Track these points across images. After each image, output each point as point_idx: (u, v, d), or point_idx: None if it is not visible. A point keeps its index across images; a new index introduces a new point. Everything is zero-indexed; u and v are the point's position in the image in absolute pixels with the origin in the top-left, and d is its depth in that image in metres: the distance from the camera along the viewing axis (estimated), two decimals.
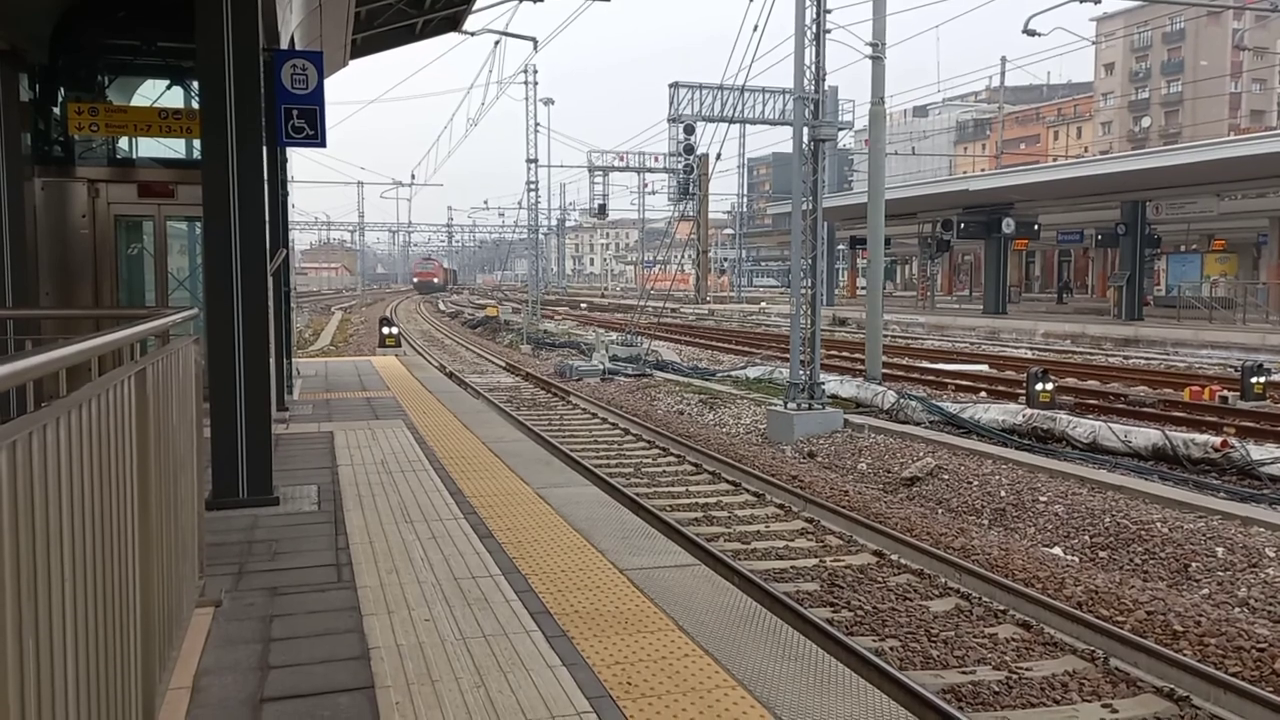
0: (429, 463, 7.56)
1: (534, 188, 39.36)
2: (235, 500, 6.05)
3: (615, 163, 52.22)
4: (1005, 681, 5.67)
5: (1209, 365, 21.94)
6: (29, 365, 1.92)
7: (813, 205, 14.30)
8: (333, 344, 31.60)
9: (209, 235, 6.10)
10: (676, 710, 3.25)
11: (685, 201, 44.98)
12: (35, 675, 1.70)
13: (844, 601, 7.07)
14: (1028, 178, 35.70)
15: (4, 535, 1.54)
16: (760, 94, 37.24)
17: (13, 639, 1.57)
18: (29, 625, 1.67)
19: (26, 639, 1.66)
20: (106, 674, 2.28)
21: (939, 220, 40.45)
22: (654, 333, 26.47)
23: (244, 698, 3.36)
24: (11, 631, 1.56)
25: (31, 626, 1.69)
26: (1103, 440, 12.03)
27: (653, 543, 5.39)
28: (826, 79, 14.32)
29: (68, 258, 9.33)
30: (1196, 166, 28.01)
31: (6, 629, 1.54)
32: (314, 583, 4.61)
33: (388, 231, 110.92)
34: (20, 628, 1.62)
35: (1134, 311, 34.07)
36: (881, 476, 11.60)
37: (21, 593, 1.63)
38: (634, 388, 19.55)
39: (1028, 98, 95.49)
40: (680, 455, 12.62)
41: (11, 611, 1.56)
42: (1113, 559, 8.28)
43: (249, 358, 6.07)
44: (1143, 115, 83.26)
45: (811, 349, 14.26)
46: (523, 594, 4.41)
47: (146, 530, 2.85)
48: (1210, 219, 37.36)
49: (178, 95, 9.99)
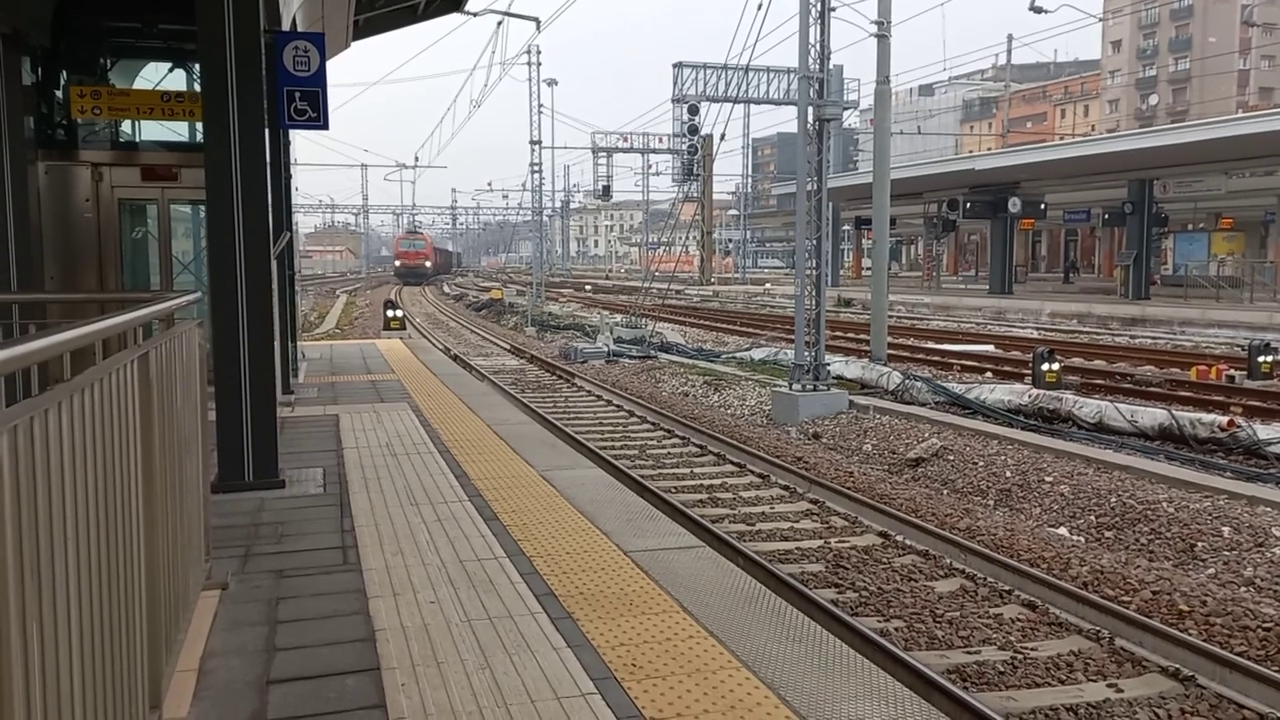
0: (434, 445, 7.57)
1: (538, 169, 39.31)
2: (241, 483, 6.07)
3: (619, 144, 52.04)
4: (1010, 662, 5.68)
5: (1216, 344, 21.87)
6: (33, 349, 1.92)
7: (817, 185, 14.24)
8: (337, 327, 31.61)
9: (212, 218, 6.09)
10: (681, 691, 3.26)
11: (690, 182, 44.81)
12: (40, 660, 1.71)
13: (849, 582, 7.08)
14: (1034, 156, 35.48)
15: (6, 519, 1.54)
16: (765, 73, 37.05)
17: (16, 623, 1.57)
18: (33, 610, 1.68)
19: (31, 623, 1.66)
20: (112, 657, 2.29)
21: (945, 200, 40.31)
22: (658, 315, 26.44)
23: (251, 680, 3.37)
24: (15, 616, 1.56)
25: (36, 611, 1.69)
26: (1109, 420, 12.01)
27: (657, 524, 5.39)
28: (831, 58, 14.24)
29: (72, 242, 9.33)
30: (1204, 144, 27.81)
31: (10, 613, 1.54)
32: (320, 565, 4.63)
33: (392, 214, 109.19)
34: (24, 612, 1.62)
35: (1141, 291, 33.95)
36: (886, 458, 11.59)
37: (25, 577, 1.63)
38: (639, 370, 19.55)
39: (1034, 76, 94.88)
40: (685, 437, 12.62)
41: (15, 596, 1.57)
42: (1118, 539, 8.28)
43: (253, 341, 6.07)
44: (1150, 93, 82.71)
45: (816, 330, 14.24)
46: (528, 576, 4.42)
47: (151, 513, 2.85)
48: (1218, 197, 37.20)
49: (180, 78, 9.97)
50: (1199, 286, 34.86)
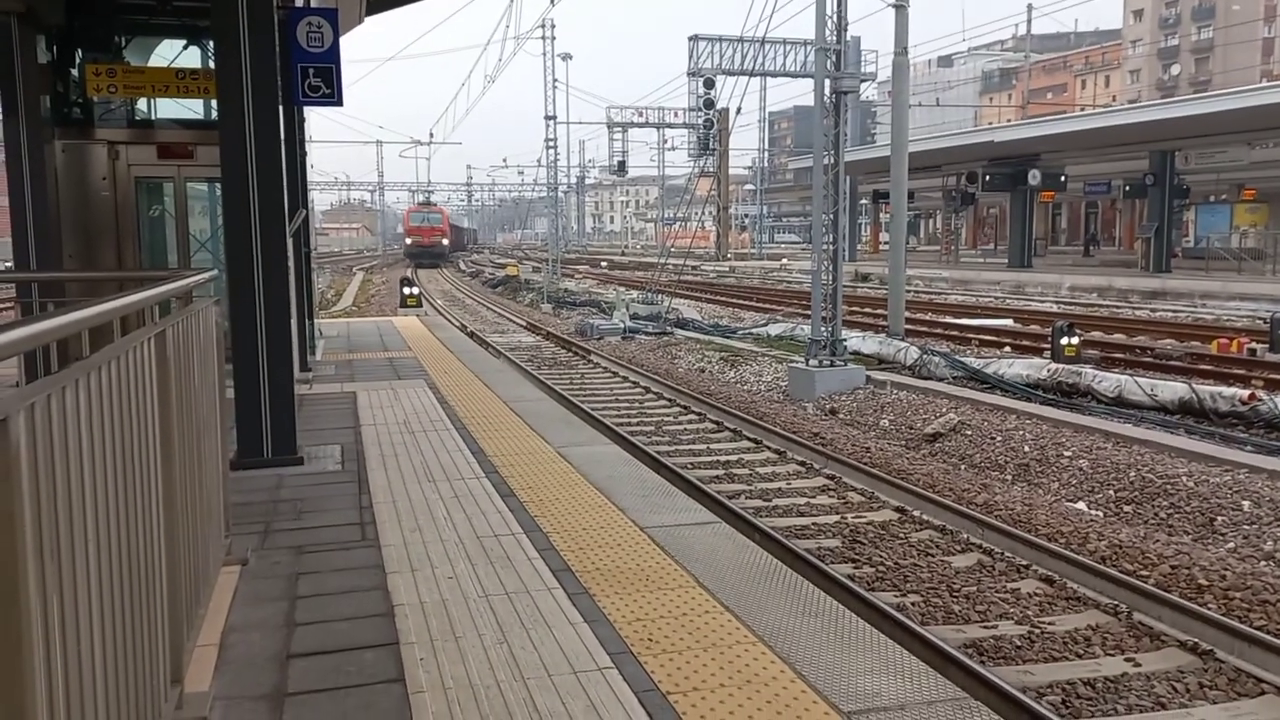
0: (450, 422, 7.59)
1: (553, 145, 39.17)
2: (260, 460, 6.11)
3: (634, 118, 51.84)
4: (1027, 636, 5.68)
5: (1237, 317, 21.65)
6: (52, 326, 1.93)
7: (835, 159, 14.13)
8: (355, 304, 31.72)
9: (227, 196, 6.09)
10: (697, 666, 3.27)
11: (705, 157, 44.60)
12: (62, 636, 1.73)
13: (865, 558, 7.08)
14: (1054, 128, 35.09)
15: (26, 497, 1.55)
16: (781, 46, 36.79)
17: (38, 600, 1.58)
18: (54, 586, 1.69)
19: (52, 600, 1.67)
20: (134, 633, 2.31)
21: (963, 173, 39.97)
22: (675, 290, 26.36)
23: (271, 654, 3.40)
24: (37, 592, 1.58)
25: (57, 587, 1.71)
26: (1128, 394, 11.93)
27: (673, 500, 5.40)
28: (849, 29, 14.08)
29: (90, 220, 9.36)
30: (1227, 114, 27.44)
31: (32, 590, 1.55)
32: (339, 541, 4.66)
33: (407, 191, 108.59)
34: (45, 589, 1.64)
35: (1162, 263, 33.62)
36: (904, 433, 11.57)
37: (46, 555, 1.65)
38: (655, 346, 19.53)
39: (1055, 46, 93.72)
40: (701, 413, 12.62)
41: (36, 573, 1.58)
42: (1137, 514, 8.24)
43: (270, 318, 6.09)
44: (1172, 62, 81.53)
45: (833, 305, 14.18)
46: (544, 552, 4.44)
47: (171, 490, 2.87)
48: (1241, 168, 36.69)
49: (194, 55, 9.95)
50: (1221, 259, 34.49)
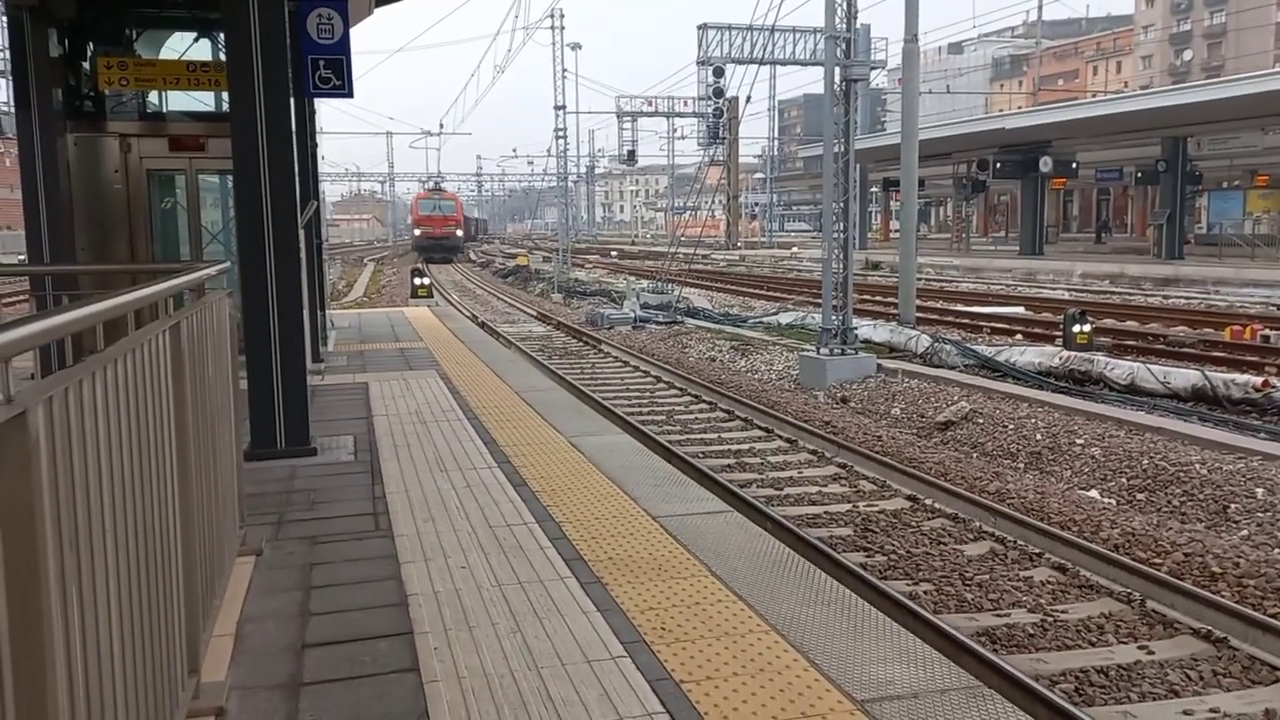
0: (462, 412, 7.61)
1: (562, 135, 39.13)
2: (273, 451, 6.14)
3: (644, 107, 51.69)
4: (1040, 624, 5.67)
5: (1251, 304, 21.53)
6: (66, 320, 1.94)
7: (845, 147, 14.08)
8: (366, 295, 31.78)
9: (239, 188, 6.11)
10: (710, 654, 3.28)
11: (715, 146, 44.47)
12: (80, 626, 1.74)
13: (877, 546, 7.08)
14: (1065, 115, 34.87)
15: (45, 489, 1.57)
16: (791, 34, 36.63)
17: (56, 591, 1.60)
18: (73, 577, 1.71)
19: (71, 591, 1.69)
20: (151, 623, 2.33)
21: (974, 160, 39.76)
22: (685, 280, 26.33)
23: (286, 644, 3.43)
24: (55, 584, 1.59)
25: (75, 578, 1.72)
26: (1141, 382, 11.87)
27: (685, 489, 5.41)
28: (858, 16, 14.02)
29: (102, 213, 9.40)
30: (1240, 100, 27.25)
31: (51, 581, 1.57)
32: (352, 531, 4.68)
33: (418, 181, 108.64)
34: (64, 580, 1.65)
35: (1174, 250, 33.43)
36: (915, 421, 11.54)
37: (64, 546, 1.66)
38: (665, 335, 19.53)
39: (1066, 32, 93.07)
40: (712, 402, 12.62)
41: (54, 564, 1.59)
42: (1150, 501, 8.21)
43: (283, 310, 6.11)
44: (1184, 48, 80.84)
45: (844, 294, 14.14)
46: (557, 541, 4.46)
47: (186, 481, 2.89)
48: (1254, 154, 36.39)
49: (205, 48, 9.96)
50: (1234, 245, 34.28)
